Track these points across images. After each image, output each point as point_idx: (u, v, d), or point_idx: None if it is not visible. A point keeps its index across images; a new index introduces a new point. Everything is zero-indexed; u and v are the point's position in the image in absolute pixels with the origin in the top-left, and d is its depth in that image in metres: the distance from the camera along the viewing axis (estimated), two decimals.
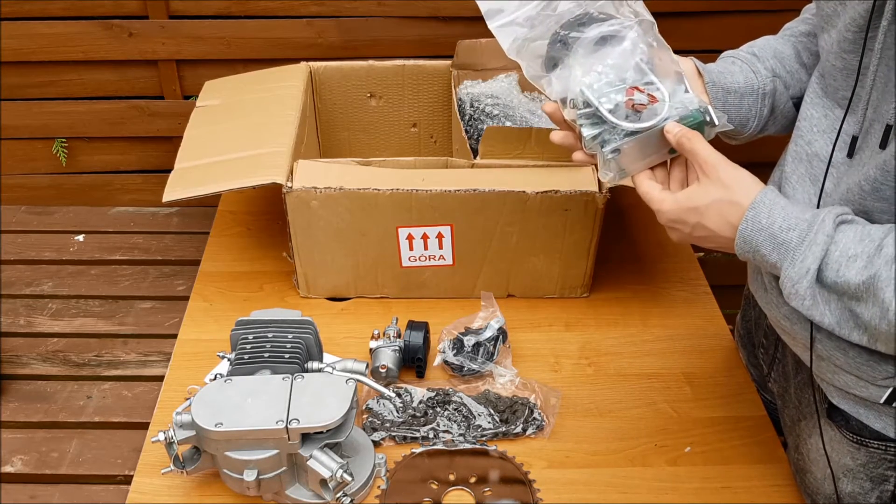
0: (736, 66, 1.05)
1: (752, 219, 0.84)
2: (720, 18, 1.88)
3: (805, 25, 1.09)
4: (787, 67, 1.05)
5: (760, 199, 0.84)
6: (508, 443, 1.19)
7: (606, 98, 0.91)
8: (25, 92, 1.96)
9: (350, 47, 1.88)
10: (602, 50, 0.94)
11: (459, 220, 1.33)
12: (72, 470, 1.44)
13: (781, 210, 0.84)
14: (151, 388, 1.55)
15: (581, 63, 0.94)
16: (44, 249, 1.90)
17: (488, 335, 1.29)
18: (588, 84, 0.92)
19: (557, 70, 0.96)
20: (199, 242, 1.62)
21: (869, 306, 0.78)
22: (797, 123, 0.97)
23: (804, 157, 0.95)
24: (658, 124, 0.91)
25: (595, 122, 0.92)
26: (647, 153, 0.93)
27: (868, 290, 0.78)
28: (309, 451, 1.04)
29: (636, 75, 0.93)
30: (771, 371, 1.19)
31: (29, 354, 1.64)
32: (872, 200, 0.82)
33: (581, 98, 0.93)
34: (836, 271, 0.80)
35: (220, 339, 1.22)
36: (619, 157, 0.92)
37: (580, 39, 0.94)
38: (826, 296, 0.82)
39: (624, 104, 0.91)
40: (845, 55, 0.87)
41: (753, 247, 0.85)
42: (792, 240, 0.82)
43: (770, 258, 0.84)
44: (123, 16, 1.85)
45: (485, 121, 1.53)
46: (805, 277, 0.81)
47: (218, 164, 1.37)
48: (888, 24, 0.80)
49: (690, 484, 1.15)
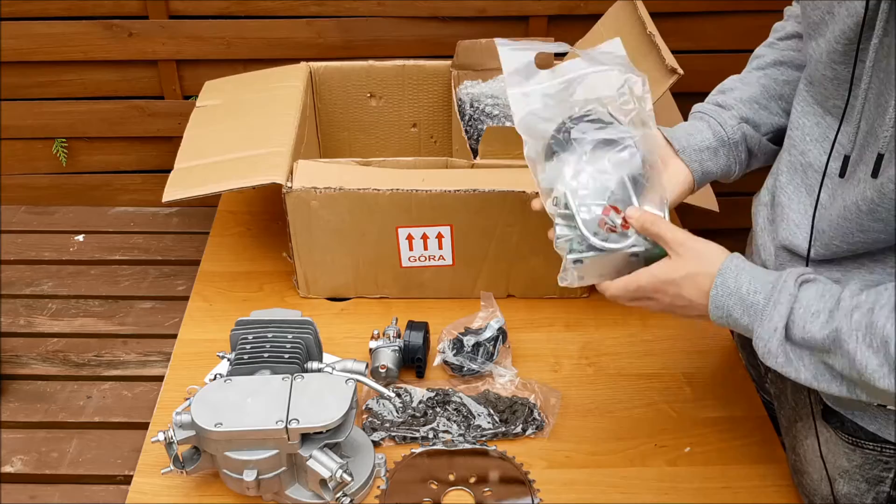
0: (703, 122, 1.08)
1: (721, 284, 0.88)
2: (720, 18, 1.88)
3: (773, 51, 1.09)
4: (756, 107, 1.07)
5: (727, 265, 0.89)
6: (508, 443, 1.19)
7: (586, 208, 0.94)
8: (25, 92, 1.96)
9: (350, 47, 1.88)
10: (599, 152, 0.96)
11: (459, 221, 1.33)
12: (72, 470, 1.44)
13: (747, 274, 0.88)
14: (151, 388, 1.55)
15: (574, 163, 0.96)
16: (44, 249, 1.90)
17: (488, 335, 1.29)
18: (573, 189, 0.95)
19: (553, 161, 0.98)
20: (199, 242, 1.62)
21: (838, 357, 0.81)
22: (789, 132, 0.97)
23: (798, 167, 0.95)
24: (622, 249, 0.95)
25: (569, 225, 0.96)
26: (607, 271, 0.97)
27: (833, 342, 0.81)
28: (309, 451, 1.04)
29: (620, 193, 0.95)
30: (768, 372, 1.19)
31: (29, 354, 1.64)
32: (869, 220, 0.83)
33: (563, 200, 0.96)
34: (802, 328, 0.83)
35: (220, 339, 1.22)
36: (580, 266, 0.96)
37: (582, 139, 0.97)
38: (798, 352, 0.84)
39: (598, 220, 0.94)
40: (836, 66, 0.87)
41: (726, 311, 0.88)
42: (759, 302, 0.86)
43: (742, 321, 0.87)
44: (123, 16, 1.85)
45: (485, 121, 1.53)
46: (774, 336, 0.84)
47: (218, 164, 1.37)
48: (878, 41, 0.79)
49: (690, 484, 1.15)
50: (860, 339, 0.79)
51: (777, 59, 1.08)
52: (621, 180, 0.95)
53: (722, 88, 1.11)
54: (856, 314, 0.80)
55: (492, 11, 1.85)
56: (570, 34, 1.64)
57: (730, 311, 0.88)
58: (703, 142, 1.05)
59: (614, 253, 0.95)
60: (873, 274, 0.87)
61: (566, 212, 0.96)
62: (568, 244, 0.96)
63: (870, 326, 0.78)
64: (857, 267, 0.88)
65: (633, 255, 0.96)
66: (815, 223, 0.90)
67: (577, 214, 0.94)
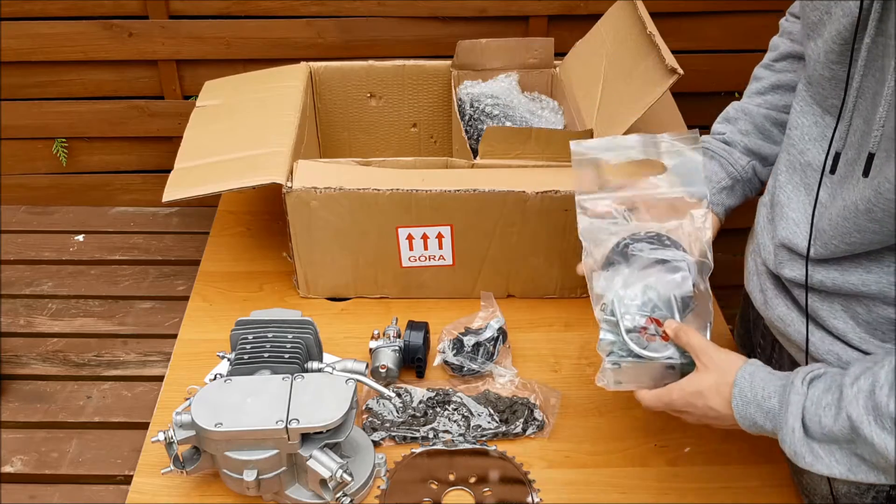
0: (715, 161, 1.13)
1: (739, 394, 0.90)
2: (720, 18, 1.89)
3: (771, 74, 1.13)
4: (760, 140, 1.12)
5: (741, 374, 0.91)
6: (508, 443, 1.19)
7: (630, 317, 0.99)
8: (25, 92, 1.96)
9: (350, 47, 1.88)
10: (653, 270, 1.02)
11: (459, 221, 1.33)
12: (72, 470, 1.44)
13: (760, 381, 0.89)
14: (151, 388, 1.56)
15: (627, 275, 1.02)
16: (44, 249, 1.90)
17: (488, 335, 1.29)
18: (621, 297, 1.00)
19: (608, 271, 1.03)
20: (199, 242, 1.62)
21: (862, 445, 0.81)
22: (788, 132, 0.98)
23: (797, 166, 0.95)
24: (658, 359, 0.98)
25: (613, 330, 1.00)
26: (643, 379, 1.00)
27: (851, 430, 0.81)
28: (309, 451, 1.04)
29: (665, 309, 1.00)
30: None
31: (29, 354, 1.64)
32: (866, 221, 0.83)
33: (610, 306, 1.01)
34: (817, 423, 0.84)
35: (220, 339, 1.22)
36: (618, 370, 0.99)
37: (639, 256, 1.02)
38: (827, 448, 0.84)
39: (640, 329, 0.99)
40: (833, 66, 0.87)
41: (751, 420, 0.90)
42: (774, 406, 0.87)
43: (767, 427, 0.89)
44: (123, 16, 1.85)
45: (485, 121, 1.53)
46: (794, 436, 0.85)
47: (218, 164, 1.37)
48: (871, 40, 0.80)
49: (690, 484, 1.15)
50: (872, 423, 0.79)
51: (775, 83, 1.12)
52: (669, 298, 1.00)
53: (726, 117, 1.16)
54: (861, 399, 0.80)
55: (492, 11, 1.85)
56: (570, 34, 1.64)
57: (754, 420, 0.89)
58: (719, 182, 1.12)
59: (651, 362, 0.98)
60: (871, 273, 0.87)
61: (612, 318, 1.00)
62: (609, 347, 1.00)
63: (876, 409, 0.79)
64: (855, 266, 0.89)
65: (670, 367, 0.99)
66: (815, 222, 0.91)
67: (622, 321, 0.99)
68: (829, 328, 0.92)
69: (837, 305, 0.91)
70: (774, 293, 1.00)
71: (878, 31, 0.79)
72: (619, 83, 1.40)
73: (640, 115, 1.29)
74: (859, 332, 0.90)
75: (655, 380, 1.00)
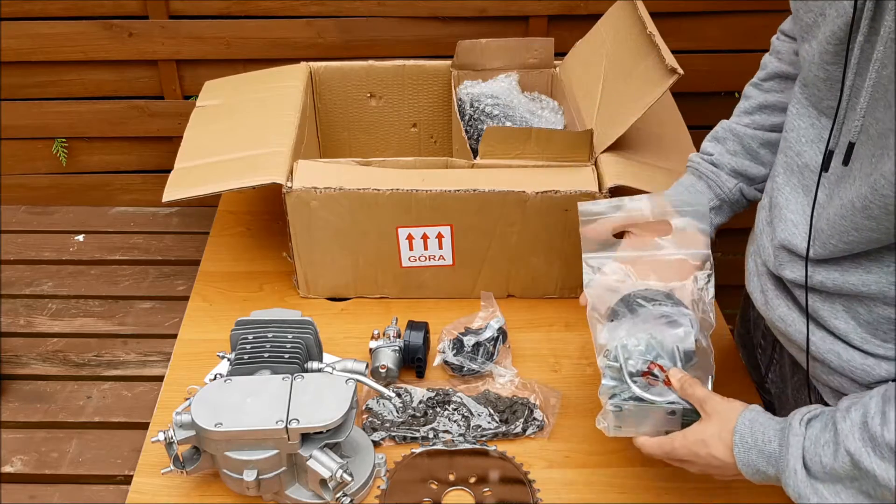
0: (703, 182, 1.16)
1: (740, 441, 0.91)
2: (720, 18, 1.89)
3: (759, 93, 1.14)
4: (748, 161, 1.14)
5: (741, 420, 0.91)
6: (508, 443, 1.19)
7: (634, 362, 1.01)
8: (25, 92, 1.96)
9: (350, 47, 1.88)
10: (656, 323, 1.04)
11: (459, 221, 1.33)
12: (72, 470, 1.44)
13: (760, 426, 0.90)
14: (151, 388, 1.55)
15: (631, 326, 1.04)
16: (44, 249, 1.90)
17: (488, 335, 1.29)
18: (624, 344, 1.02)
19: (613, 323, 1.06)
20: (199, 242, 1.62)
21: (865, 479, 0.81)
22: (784, 134, 0.98)
23: (795, 168, 0.95)
24: (661, 403, 0.99)
25: (615, 376, 1.01)
26: (644, 424, 1.01)
27: (853, 466, 0.81)
28: (309, 451, 1.04)
29: (668, 358, 1.01)
30: (768, 373, 1.19)
31: (29, 354, 1.64)
32: (862, 218, 0.83)
33: (613, 353, 1.02)
34: (818, 462, 0.84)
35: (220, 339, 1.22)
36: (619, 414, 1.01)
37: (643, 310, 1.05)
38: (832, 487, 0.84)
39: (642, 373, 1.00)
40: (827, 66, 0.88)
41: (754, 467, 0.90)
42: (775, 450, 0.88)
43: (770, 472, 0.89)
44: (123, 16, 1.85)
45: (485, 121, 1.53)
46: (796, 477, 0.85)
47: (218, 164, 1.37)
48: (864, 38, 0.80)
49: (690, 484, 1.15)
50: (871, 454, 0.79)
51: (762, 102, 1.14)
52: (672, 350, 1.02)
53: (715, 136, 1.18)
54: (856, 432, 0.81)
55: (492, 11, 1.85)
56: (570, 34, 1.64)
57: (757, 466, 0.90)
58: (708, 202, 1.14)
59: (654, 406, 0.99)
60: (871, 274, 0.87)
61: (615, 364, 1.01)
62: (611, 391, 1.01)
63: (872, 440, 0.79)
64: (854, 267, 0.89)
65: (671, 413, 1.00)
66: (814, 222, 0.91)
67: (625, 365, 1.00)
68: (831, 328, 0.92)
69: (839, 306, 0.91)
70: (775, 293, 1.00)
71: (871, 29, 0.80)
72: (619, 83, 1.40)
73: (640, 115, 1.29)
74: (860, 332, 0.90)
75: (656, 425, 1.01)
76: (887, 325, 0.88)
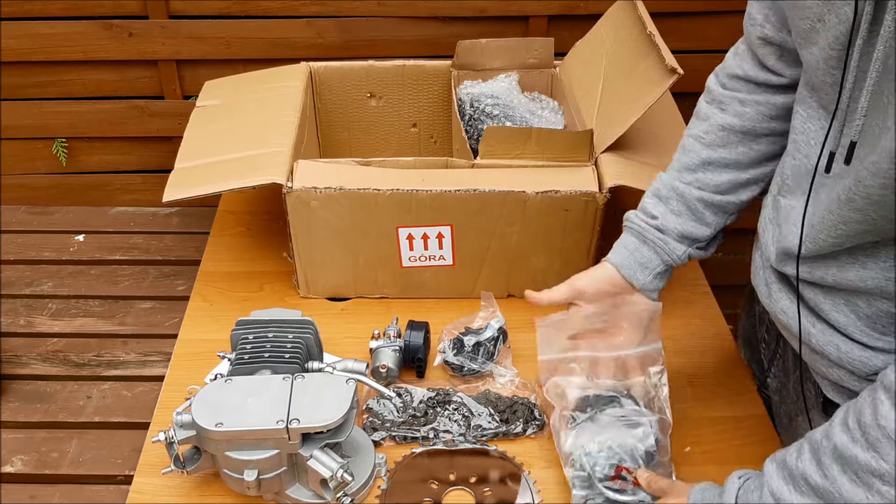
0: (648, 247, 1.12)
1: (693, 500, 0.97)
2: (720, 18, 1.89)
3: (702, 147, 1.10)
4: (693, 224, 1.11)
5: (694, 490, 0.98)
6: (508, 443, 1.19)
7: (600, 467, 1.07)
8: (25, 92, 1.96)
9: (350, 47, 1.88)
10: (617, 426, 1.10)
11: (459, 221, 1.33)
12: (72, 470, 1.44)
13: (709, 492, 0.96)
14: (151, 388, 1.55)
15: (592, 432, 1.09)
16: (44, 249, 1.90)
17: (488, 335, 1.29)
18: (588, 452, 1.08)
19: (574, 430, 1.11)
20: (199, 242, 1.62)
21: None
22: (792, 137, 0.98)
23: (804, 170, 0.95)
24: (632, 503, 1.06)
25: (584, 485, 1.07)
26: None
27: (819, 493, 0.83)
28: (309, 451, 1.04)
29: (631, 461, 1.07)
30: (771, 366, 1.19)
31: (29, 354, 1.64)
32: (848, 210, 0.84)
33: (579, 461, 1.08)
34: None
35: (220, 339, 1.22)
36: None
37: (603, 414, 1.11)
38: None
39: (611, 476, 1.06)
40: (833, 71, 0.88)
41: None
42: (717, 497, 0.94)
43: None
44: (123, 16, 1.85)
45: (485, 121, 1.53)
46: None
47: (218, 164, 1.37)
48: (863, 41, 0.80)
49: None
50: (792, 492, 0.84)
51: (706, 159, 1.09)
52: (633, 451, 1.08)
53: (657, 194, 1.13)
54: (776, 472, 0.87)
55: (492, 11, 1.85)
56: (570, 34, 1.64)
57: None
58: (654, 269, 1.12)
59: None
60: (867, 269, 0.88)
61: (582, 472, 1.07)
62: (582, 499, 1.07)
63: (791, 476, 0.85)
64: (851, 263, 0.89)
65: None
66: (807, 219, 0.91)
67: (592, 472, 1.06)
68: (831, 321, 0.93)
69: (840, 299, 0.92)
70: (778, 287, 1.00)
71: (871, 31, 0.80)
72: (619, 83, 1.40)
73: (640, 115, 1.29)
74: (860, 325, 0.90)
75: None
76: (887, 318, 0.88)
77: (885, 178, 0.77)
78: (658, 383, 1.15)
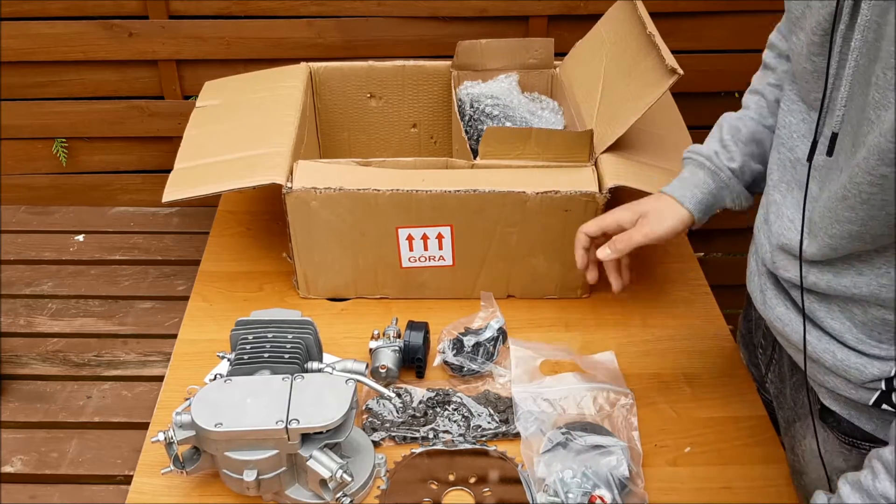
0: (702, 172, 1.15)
1: None
2: (720, 18, 1.89)
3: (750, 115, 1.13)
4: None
5: None
6: (508, 443, 1.19)
7: (574, 495, 1.08)
8: (25, 92, 1.96)
9: (350, 47, 1.88)
10: (590, 454, 1.12)
11: (459, 221, 1.33)
12: (72, 470, 1.44)
13: None
14: (151, 388, 1.55)
15: (566, 459, 1.12)
16: (44, 249, 1.90)
17: (488, 335, 1.29)
18: (561, 478, 1.10)
19: (547, 456, 1.13)
20: (199, 242, 1.62)
21: None
22: (777, 131, 0.98)
23: (788, 163, 0.95)
24: None
25: None
26: None
27: None
28: (309, 452, 1.04)
29: (605, 489, 1.09)
30: (768, 372, 1.19)
31: (29, 354, 1.64)
32: (843, 209, 0.84)
33: (553, 487, 1.09)
34: None
35: (220, 339, 1.22)
36: None
37: (575, 442, 1.14)
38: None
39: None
40: (814, 58, 0.88)
41: None
42: None
43: None
44: (123, 16, 1.85)
45: (485, 121, 1.53)
46: None
47: (218, 164, 1.37)
48: (845, 27, 0.80)
49: (690, 484, 1.15)
50: None
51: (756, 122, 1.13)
52: (607, 479, 1.10)
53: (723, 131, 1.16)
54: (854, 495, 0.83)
55: (492, 11, 1.85)
56: (570, 34, 1.64)
57: None
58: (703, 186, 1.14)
59: None
60: (862, 276, 0.88)
61: (556, 499, 1.08)
62: None
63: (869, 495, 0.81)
64: (847, 269, 0.89)
65: None
66: (807, 215, 0.91)
67: (565, 499, 1.08)
68: (827, 328, 0.93)
69: (835, 306, 0.91)
70: (774, 293, 1.00)
71: (851, 18, 0.80)
72: (619, 83, 1.40)
73: (640, 116, 1.29)
74: (856, 332, 0.90)
75: None
76: (882, 326, 0.88)
77: (872, 174, 0.77)
78: (628, 414, 1.19)
